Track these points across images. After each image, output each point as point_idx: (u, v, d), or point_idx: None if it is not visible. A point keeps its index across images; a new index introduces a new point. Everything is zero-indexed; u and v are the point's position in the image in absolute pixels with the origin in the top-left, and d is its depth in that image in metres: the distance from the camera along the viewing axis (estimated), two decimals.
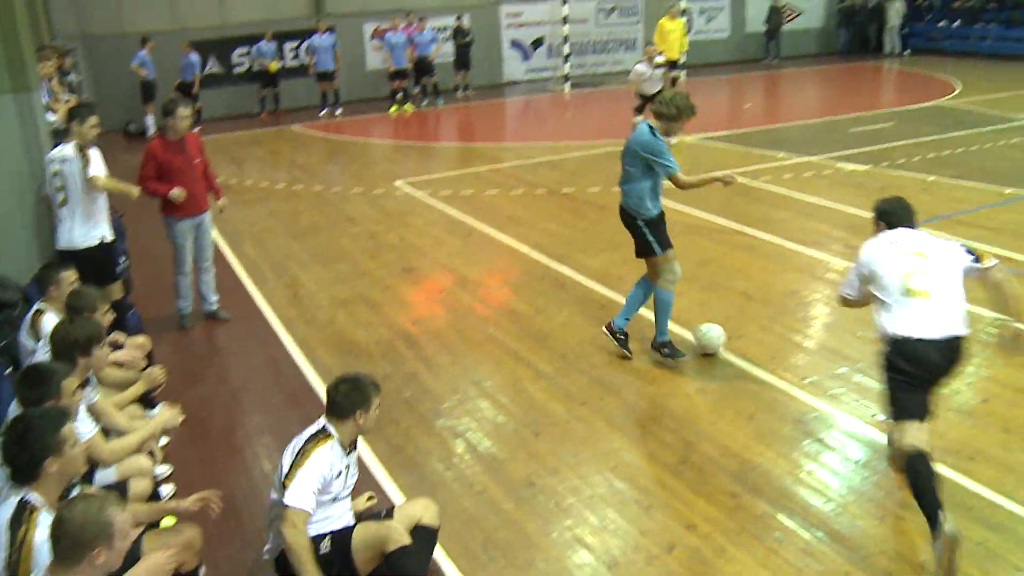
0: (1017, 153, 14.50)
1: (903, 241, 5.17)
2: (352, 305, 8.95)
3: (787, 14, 28.84)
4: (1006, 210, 11.38)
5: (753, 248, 10.08)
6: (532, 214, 11.84)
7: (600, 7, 25.62)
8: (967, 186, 12.49)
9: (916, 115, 18.25)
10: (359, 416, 4.45)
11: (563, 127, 19.11)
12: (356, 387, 4.46)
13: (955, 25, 28.65)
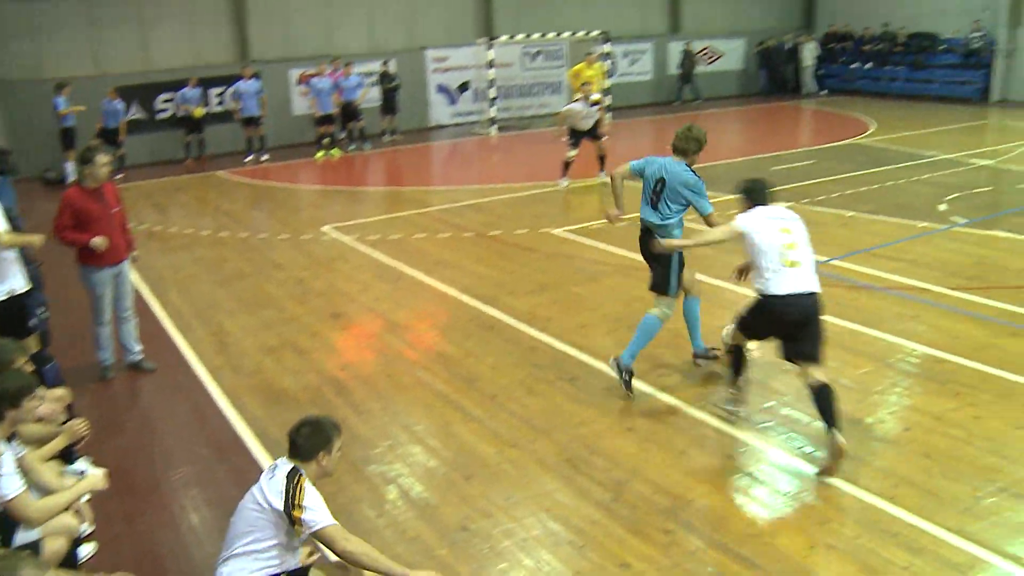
0: (927, 188, 14.98)
1: (775, 218, 6.38)
2: (280, 352, 8.83)
3: (709, 56, 29.60)
4: (921, 243, 11.72)
5: None
6: (460, 257, 11.85)
7: (525, 51, 25.93)
8: (884, 221, 12.85)
9: (834, 153, 18.76)
10: (322, 458, 4.49)
11: (490, 170, 19.22)
12: (317, 429, 4.51)
13: (867, 67, 29.65)
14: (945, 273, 10.37)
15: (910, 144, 19.44)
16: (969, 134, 20.92)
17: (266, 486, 4.43)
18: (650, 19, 28.91)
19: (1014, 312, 9.02)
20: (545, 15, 26.27)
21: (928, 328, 8.70)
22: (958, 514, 5.57)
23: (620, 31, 27.44)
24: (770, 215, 6.41)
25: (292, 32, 22.68)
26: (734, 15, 30.60)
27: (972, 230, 12.27)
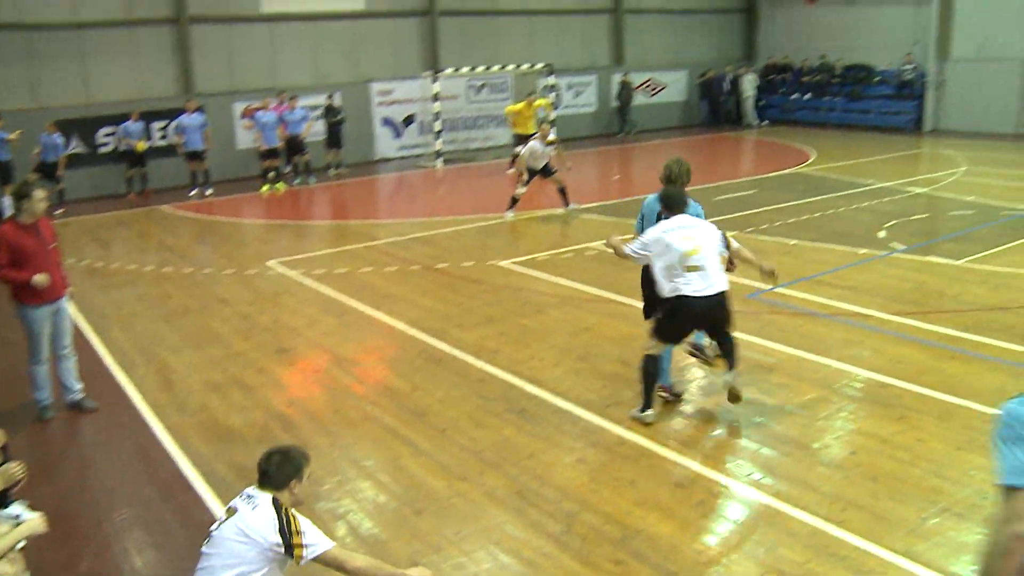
0: (867, 216, 15.27)
1: (684, 227, 7.12)
2: (226, 389, 8.69)
3: (652, 88, 30.03)
4: (861, 270, 11.93)
5: (627, 316, 10.25)
6: (407, 290, 11.81)
7: (470, 84, 26.06)
8: (825, 248, 13.07)
9: (776, 182, 19.07)
10: (294, 486, 4.52)
11: (436, 203, 19.23)
12: (287, 458, 4.54)
13: (806, 97, 30.29)
14: (886, 299, 10.56)
15: (849, 173, 19.85)
16: (904, 163, 21.42)
17: (249, 517, 4.39)
18: (594, 52, 29.26)
19: (952, 336, 9.21)
20: (490, 48, 26.48)
21: (872, 353, 8.83)
22: (904, 536, 5.63)
23: (564, 64, 27.73)
24: (682, 223, 7.16)
25: (236, 65, 22.56)
26: (676, 47, 31.11)
27: (910, 256, 12.53)
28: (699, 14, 31.54)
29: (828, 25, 30.43)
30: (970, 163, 20.65)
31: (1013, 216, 15.00)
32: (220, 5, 22.07)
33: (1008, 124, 25.85)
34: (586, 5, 28.70)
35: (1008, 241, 13.21)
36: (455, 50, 25.82)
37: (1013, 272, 11.59)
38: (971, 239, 13.46)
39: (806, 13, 31.16)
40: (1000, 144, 23.98)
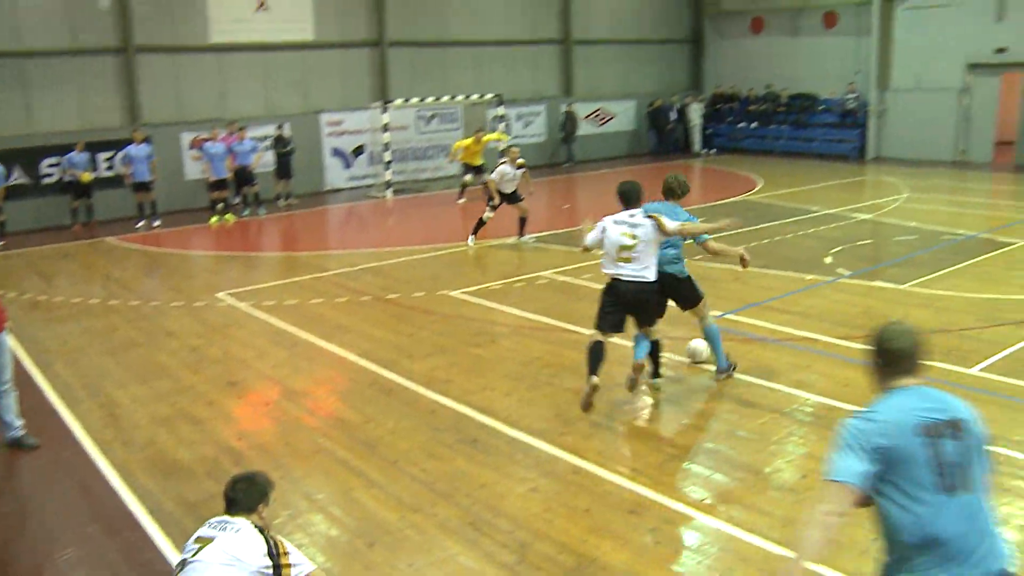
0: (813, 242, 15.52)
1: (626, 223, 8.13)
2: (174, 423, 8.55)
3: (601, 118, 30.34)
4: (809, 295, 12.11)
5: (579, 345, 10.26)
6: (357, 321, 11.74)
7: (420, 115, 26.10)
8: (773, 274, 13.24)
9: (724, 210, 19.29)
10: (261, 510, 4.60)
11: (386, 234, 19.18)
12: (252, 483, 4.64)
13: (753, 126, 30.79)
14: (833, 323, 10.71)
15: (795, 200, 20.17)
16: (849, 190, 21.84)
17: (236, 541, 4.38)
18: (543, 82, 29.50)
19: None
20: (440, 79, 26.58)
21: (820, 377, 8.94)
22: (856, 557, 5.68)
23: (514, 94, 27.93)
24: (623, 219, 8.20)
25: (184, 95, 22.39)
26: (624, 77, 31.48)
27: (856, 281, 12.74)
28: (647, 44, 31.99)
29: (773, 55, 31.04)
30: (911, 190, 21.10)
31: (954, 240, 15.34)
32: (167, 35, 21.92)
33: (946, 152, 26.53)
34: (535, 36, 28.97)
35: (949, 265, 13.50)
36: (405, 81, 25.90)
37: (954, 295, 11.83)
38: (914, 264, 13.74)
39: (752, 44, 31.76)
40: (939, 171, 24.58)
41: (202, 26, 22.43)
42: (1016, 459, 7.10)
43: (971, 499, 3.34)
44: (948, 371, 8.97)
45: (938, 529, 3.27)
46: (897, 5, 27.46)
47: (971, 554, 3.27)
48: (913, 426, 3.37)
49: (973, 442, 3.45)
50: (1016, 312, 11.04)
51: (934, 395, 3.54)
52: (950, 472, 3.32)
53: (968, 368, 9.07)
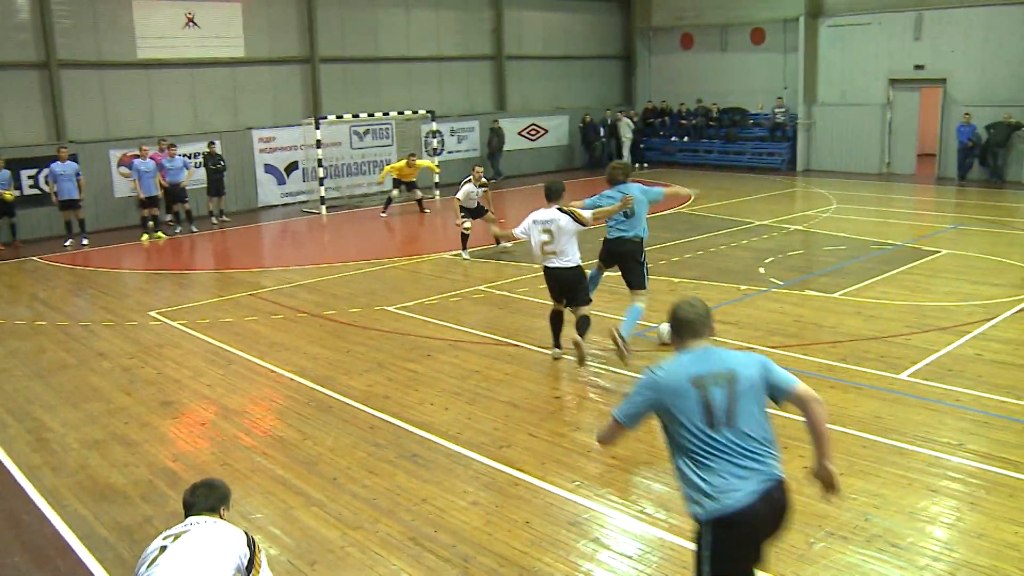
0: (747, 253, 15.79)
1: (544, 222, 9.74)
2: (106, 446, 8.38)
3: (534, 133, 30.53)
4: (743, 306, 12.31)
5: (515, 358, 10.33)
6: (294, 338, 11.64)
7: (354, 131, 26.02)
8: (708, 285, 13.43)
9: (657, 223, 19.50)
10: (223, 512, 4.60)
11: (321, 250, 19.05)
12: (212, 487, 4.65)
13: (685, 140, 31.25)
14: (767, 332, 10.91)
15: (728, 212, 20.51)
16: (780, 202, 22.27)
17: (216, 529, 4.34)
18: (476, 98, 29.62)
19: (831, 366, 9.57)
20: (372, 95, 26.54)
21: None
22: (794, 561, 5.80)
23: (447, 109, 27.99)
24: (540, 218, 9.75)
25: (111, 112, 22.01)
26: (557, 93, 31.75)
27: (789, 291, 12.99)
28: (579, 60, 32.32)
29: (703, 71, 31.59)
30: (840, 201, 21.60)
31: (882, 250, 15.73)
32: (92, 51, 21.55)
33: (872, 164, 27.24)
34: (467, 52, 29.08)
35: (878, 274, 13.84)
36: (337, 97, 25.81)
37: (884, 303, 12.14)
38: (844, 273, 14.05)
39: (682, 59, 32.26)
40: (866, 183, 25.22)
41: (129, 42, 22.10)
42: (944, 460, 7.31)
43: (735, 432, 4.23)
44: (879, 376, 9.20)
45: (704, 454, 4.20)
46: (821, 22, 28.16)
47: (729, 473, 4.16)
48: (686, 378, 4.31)
49: (742, 387, 4.30)
50: (941, 318, 11.36)
51: (713, 353, 4.44)
52: (717, 413, 4.23)
53: (898, 374, 9.31)
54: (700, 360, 4.39)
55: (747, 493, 4.10)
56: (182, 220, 20.88)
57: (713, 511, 4.10)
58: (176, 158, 20.52)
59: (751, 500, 4.09)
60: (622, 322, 10.02)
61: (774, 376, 4.47)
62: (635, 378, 9.42)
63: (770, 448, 4.31)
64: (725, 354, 4.46)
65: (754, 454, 4.23)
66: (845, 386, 8.97)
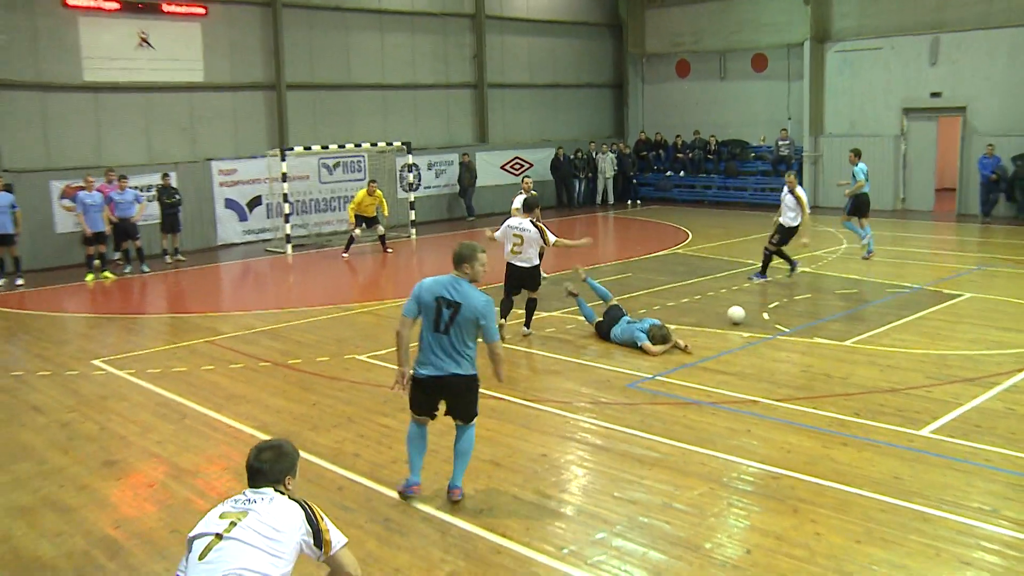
0: (749, 298, 15.78)
1: (517, 227, 12.98)
2: (36, 513, 8.16)
3: (517, 168, 30.66)
4: (746, 354, 12.24)
5: (498, 412, 10.20)
6: (255, 390, 11.48)
7: (323, 163, 26.02)
8: (708, 332, 13.38)
9: (651, 264, 19.55)
10: (288, 482, 4.69)
11: (286, 293, 18.94)
12: (280, 452, 4.72)
13: (681, 175, 31.43)
14: (773, 384, 10.84)
15: (728, 252, 20.55)
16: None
17: (273, 512, 4.46)
18: (456, 128, 29.77)
19: (842, 421, 9.48)
20: (343, 124, 26.64)
21: (761, 442, 8.99)
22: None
23: (424, 141, 28.11)
24: (514, 225, 13.05)
25: (53, 139, 21.89)
26: (543, 124, 32.00)
27: (795, 338, 12.95)
28: (567, 88, 32.59)
29: (700, 100, 31.93)
30: (851, 240, 21.66)
31: (898, 294, 15.74)
32: (31, 71, 21.46)
33: (886, 200, 27.35)
34: (447, 80, 29.26)
35: (894, 319, 13.83)
36: (305, 126, 25.88)
37: (901, 351, 12.09)
38: (857, 318, 14.04)
39: (678, 88, 32.59)
40: (879, 220, 25.26)
41: (74, 62, 22.06)
42: (976, 528, 7.18)
43: (448, 338, 7.51)
44: (898, 433, 9.11)
45: (431, 346, 7.57)
46: (828, 48, 28.48)
47: (440, 360, 7.57)
48: (433, 293, 7.52)
49: (460, 316, 7.45)
50: (966, 368, 11.32)
51: (456, 283, 7.56)
52: (442, 323, 7.47)
53: (918, 430, 9.21)
54: (444, 284, 7.54)
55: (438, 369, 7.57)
56: (132, 259, 20.74)
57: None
58: (127, 191, 20.43)
59: (441, 374, 7.59)
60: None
61: (484, 325, 7.50)
62: (628, 434, 9.35)
63: (466, 352, 7.57)
64: (459, 286, 7.51)
65: (454, 353, 7.55)
66: (860, 443, 8.88)
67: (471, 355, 7.71)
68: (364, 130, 26.82)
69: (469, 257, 7.69)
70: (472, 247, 7.77)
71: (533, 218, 13.12)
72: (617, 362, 12.12)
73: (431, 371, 7.66)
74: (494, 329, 7.71)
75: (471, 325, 7.57)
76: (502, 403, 10.51)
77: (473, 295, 7.59)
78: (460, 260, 7.71)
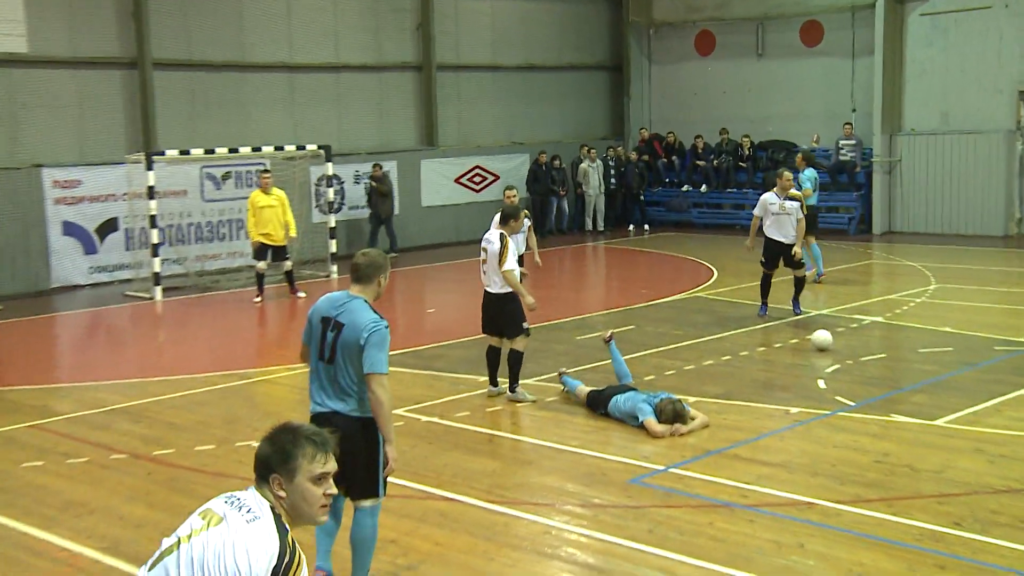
0: (797, 359, 15.79)
1: (486, 238, 13.73)
2: None
3: (478, 181, 30.71)
4: (795, 437, 12.17)
5: (449, 518, 10.06)
6: (104, 495, 11.25)
7: (207, 173, 25.82)
8: (741, 407, 13.31)
9: (663, 313, 19.51)
10: (276, 488, 4.72)
11: (154, 355, 18.75)
12: (272, 441, 4.84)
13: (703, 189, 31.48)
14: (835, 479, 10.72)
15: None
16: (849, 281, 22.43)
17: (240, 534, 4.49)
18: (393, 127, 29.84)
19: (939, 534, 9.34)
20: (236, 120, 26.58)
21: (820, 563, 8.87)
22: None
23: (349, 144, 28.10)
24: (486, 235, 13.83)
25: None
26: (513, 120, 32.15)
27: (865, 415, 12.88)
28: (546, 72, 32.78)
29: (731, 88, 32.03)
30: (942, 279, 21.77)
31: (1012, 353, 15.71)
32: None
33: (995, 224, 27.32)
34: (380, 59, 29.32)
35: (1008, 390, 13.75)
36: (180, 121, 25.78)
37: (1019, 435, 12.00)
38: (952, 388, 13.99)
39: (698, 70, 32.75)
40: (984, 252, 25.41)
41: None
42: None
43: (332, 367, 7.96)
44: (1019, 553, 8.94)
45: (316, 376, 8.12)
46: (911, 9, 28.45)
47: (324, 395, 8.05)
48: (320, 313, 8.10)
49: (342, 339, 7.85)
50: None
51: (348, 304, 8.01)
52: (326, 348, 7.96)
53: None
54: (336, 302, 8.08)
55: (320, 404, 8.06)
56: None
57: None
58: None
59: (324, 411, 7.98)
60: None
61: (363, 347, 7.78)
62: (632, 549, 9.19)
63: (353, 388, 7.93)
64: (351, 305, 7.98)
65: (338, 387, 7.98)
66: (965, 567, 8.76)
67: (363, 392, 7.97)
68: (265, 128, 26.75)
69: (377, 269, 8.22)
70: (378, 257, 8.35)
71: (509, 231, 13.68)
72: (616, 448, 12.00)
73: (313, 407, 8.17)
74: (377, 358, 7.85)
75: (355, 351, 7.87)
76: (455, 505, 10.36)
77: (360, 311, 7.97)
78: (359, 273, 8.21)
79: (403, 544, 9.66)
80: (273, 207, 21.66)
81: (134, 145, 24.84)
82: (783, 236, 18.03)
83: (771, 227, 18.12)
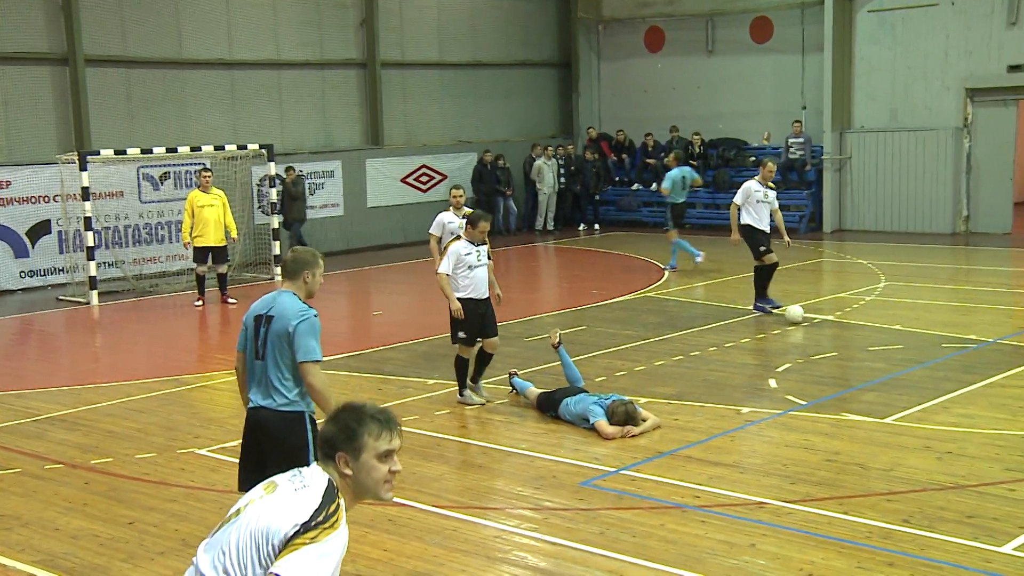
0: (748, 358, 15.93)
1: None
2: None
3: (424, 180, 30.74)
4: (747, 437, 12.30)
5: (399, 524, 10.10)
6: (38, 507, 11.17)
7: (145, 173, 25.71)
8: (692, 407, 13.40)
9: (612, 314, 19.59)
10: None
11: (90, 362, 18.65)
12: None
13: (653, 188, 31.56)
14: (786, 479, 10.83)
15: (719, 296, 20.72)
16: (798, 278, 22.58)
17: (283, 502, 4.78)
18: (336, 126, 29.81)
19: (889, 531, 9.46)
20: (174, 118, 26.49)
21: (771, 563, 8.96)
22: None
23: (291, 143, 28.05)
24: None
25: None
26: (460, 119, 32.25)
27: (816, 414, 13.01)
28: (493, 69, 32.84)
29: (680, 84, 32.18)
30: (891, 276, 21.98)
31: (962, 350, 15.91)
32: None
33: (942, 221, 27.65)
34: (322, 56, 29.26)
35: (956, 387, 13.92)
36: (115, 120, 25.68)
37: (968, 432, 12.15)
38: (902, 386, 14.13)
39: (648, 67, 32.86)
40: (933, 249, 25.65)
41: None
42: None
43: (264, 363, 8.28)
44: (968, 549, 9.06)
45: (252, 375, 8.44)
46: (860, 5, 28.73)
47: (258, 393, 8.38)
48: (255, 313, 8.41)
49: (271, 331, 8.19)
50: None
51: (277, 298, 8.36)
52: (259, 345, 8.29)
53: (999, 546, 9.15)
54: (266, 300, 8.44)
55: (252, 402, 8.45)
56: None
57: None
58: None
59: (253, 406, 8.41)
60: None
61: (291, 335, 8.15)
62: (584, 552, 9.27)
63: (281, 380, 8.29)
64: (278, 300, 8.33)
65: (267, 382, 8.29)
66: (913, 564, 8.86)
67: (290, 387, 8.34)
68: (204, 127, 26.66)
69: (303, 265, 8.52)
70: (305, 254, 8.73)
71: (467, 236, 13.79)
72: (567, 450, 12.07)
73: (248, 405, 8.65)
74: (309, 346, 8.22)
75: (284, 342, 8.24)
76: (404, 511, 10.40)
77: (289, 303, 8.36)
78: (286, 269, 8.69)
79: (352, 551, 9.61)
80: (213, 206, 21.59)
81: (66, 144, 24.67)
82: (762, 223, 18.36)
83: (750, 215, 18.33)
